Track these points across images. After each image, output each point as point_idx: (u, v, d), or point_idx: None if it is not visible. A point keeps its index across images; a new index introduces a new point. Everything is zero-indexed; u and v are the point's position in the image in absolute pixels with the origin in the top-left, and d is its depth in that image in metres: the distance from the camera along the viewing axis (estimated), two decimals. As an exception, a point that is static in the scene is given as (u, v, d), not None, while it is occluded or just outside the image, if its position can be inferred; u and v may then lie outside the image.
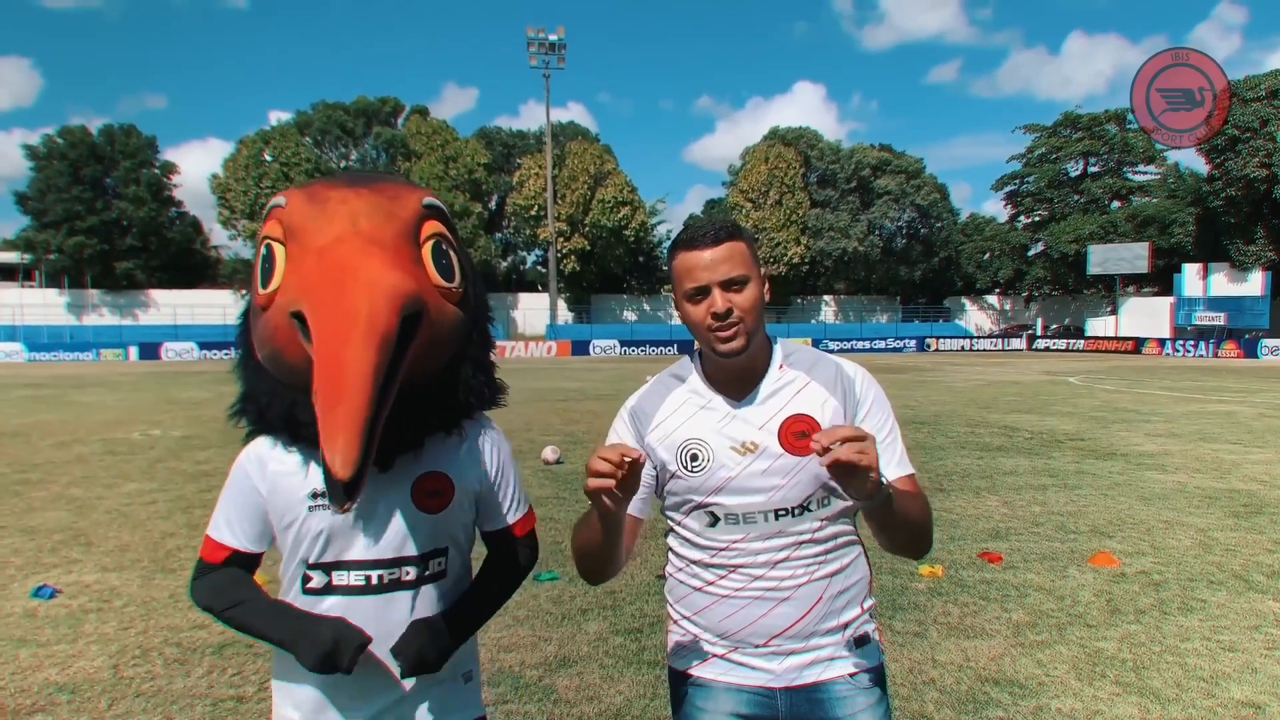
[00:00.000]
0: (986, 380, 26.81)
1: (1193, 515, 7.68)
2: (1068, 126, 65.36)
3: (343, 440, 1.31)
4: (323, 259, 1.51)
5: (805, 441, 1.73)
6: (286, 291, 1.56)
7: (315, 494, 1.69)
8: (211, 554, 1.78)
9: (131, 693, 4.11)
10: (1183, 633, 4.82)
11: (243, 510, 1.76)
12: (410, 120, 64.61)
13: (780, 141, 65.81)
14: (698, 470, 1.81)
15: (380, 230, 1.57)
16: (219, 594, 1.76)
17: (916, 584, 5.62)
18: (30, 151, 58.98)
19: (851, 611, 1.85)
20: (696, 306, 1.78)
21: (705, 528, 1.83)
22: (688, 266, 1.77)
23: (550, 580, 5.69)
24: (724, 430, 1.81)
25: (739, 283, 1.75)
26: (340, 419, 1.32)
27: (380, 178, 1.70)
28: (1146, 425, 14.44)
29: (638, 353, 54.48)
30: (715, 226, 1.78)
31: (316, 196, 1.61)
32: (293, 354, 1.55)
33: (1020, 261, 67.44)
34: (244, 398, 1.78)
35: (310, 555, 1.72)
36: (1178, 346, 49.51)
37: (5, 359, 47.79)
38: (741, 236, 1.79)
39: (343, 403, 1.33)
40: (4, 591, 5.67)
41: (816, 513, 1.81)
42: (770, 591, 1.79)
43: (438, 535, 1.77)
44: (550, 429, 13.78)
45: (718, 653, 1.84)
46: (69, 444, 12.88)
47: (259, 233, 1.69)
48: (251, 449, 1.78)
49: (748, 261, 1.77)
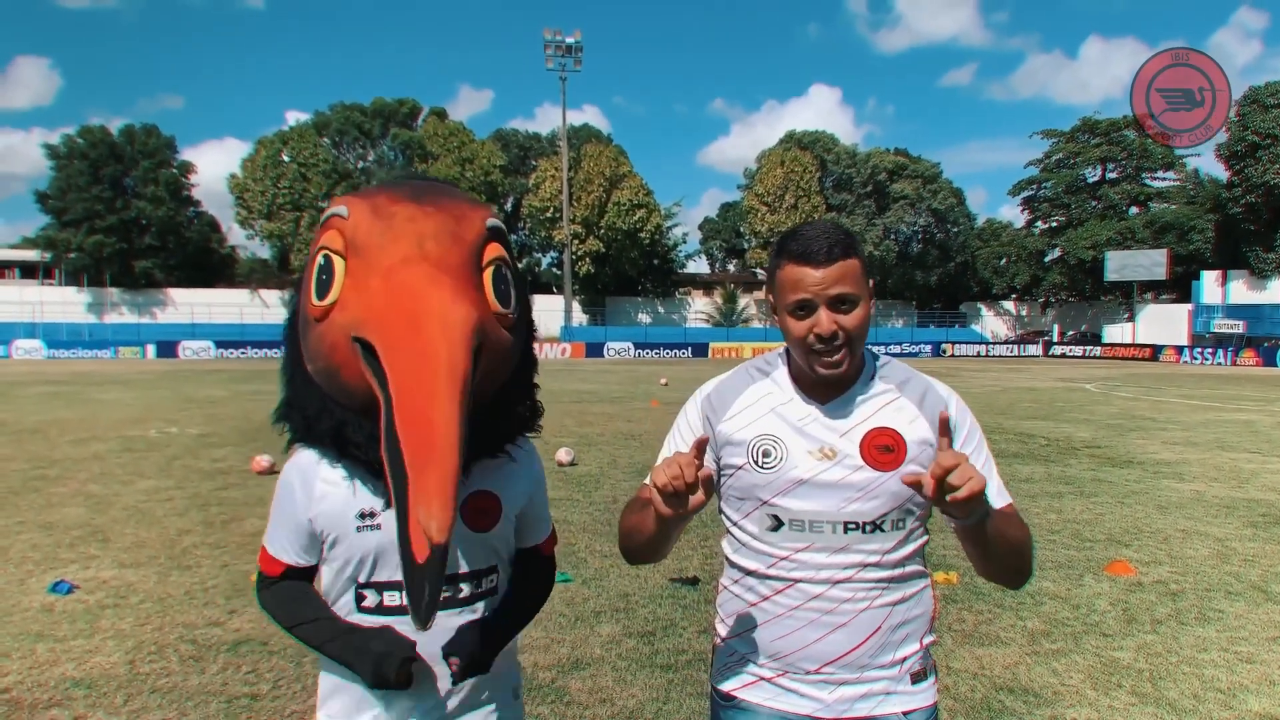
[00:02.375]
0: (1002, 386, 26.68)
1: (1210, 525, 7.62)
2: (1086, 132, 65.03)
3: (438, 505, 1.28)
4: (390, 282, 1.46)
5: (888, 456, 1.69)
6: (348, 310, 1.51)
7: (364, 514, 1.67)
8: (269, 567, 1.77)
9: (147, 689, 4.14)
10: (1200, 643, 4.78)
11: (290, 526, 1.74)
12: (427, 122, 64.86)
13: (796, 145, 65.79)
14: (769, 467, 1.73)
15: (448, 255, 1.52)
16: (283, 608, 1.75)
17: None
18: (51, 151, 59.55)
19: (910, 646, 1.76)
20: (799, 322, 1.67)
21: (766, 531, 1.74)
22: (795, 278, 1.65)
23: (564, 582, 5.69)
24: (803, 431, 1.73)
25: (849, 303, 1.66)
26: (434, 483, 1.28)
27: (444, 191, 1.65)
28: (1164, 433, 14.34)
29: (652, 355, 54.42)
30: (830, 240, 1.65)
31: (382, 211, 1.55)
32: (350, 375, 1.52)
33: (1037, 267, 67.10)
34: (288, 404, 1.74)
35: (361, 575, 1.70)
36: (1196, 354, 49.13)
37: (25, 356, 48.20)
38: (856, 253, 1.68)
39: (434, 465, 1.29)
40: (22, 586, 5.71)
41: (889, 534, 1.71)
42: (827, 614, 1.70)
43: (488, 553, 1.76)
44: (564, 431, 13.79)
45: (765, 675, 1.75)
46: (87, 441, 12.97)
47: (316, 239, 1.63)
48: (297, 463, 1.74)
49: (860, 280, 1.67)
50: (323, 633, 1.71)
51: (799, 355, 1.72)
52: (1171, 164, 63.81)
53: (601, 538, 6.86)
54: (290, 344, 1.73)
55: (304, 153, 59.32)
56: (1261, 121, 49.59)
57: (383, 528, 1.66)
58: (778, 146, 66.69)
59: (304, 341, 1.64)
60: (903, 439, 1.70)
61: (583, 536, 6.97)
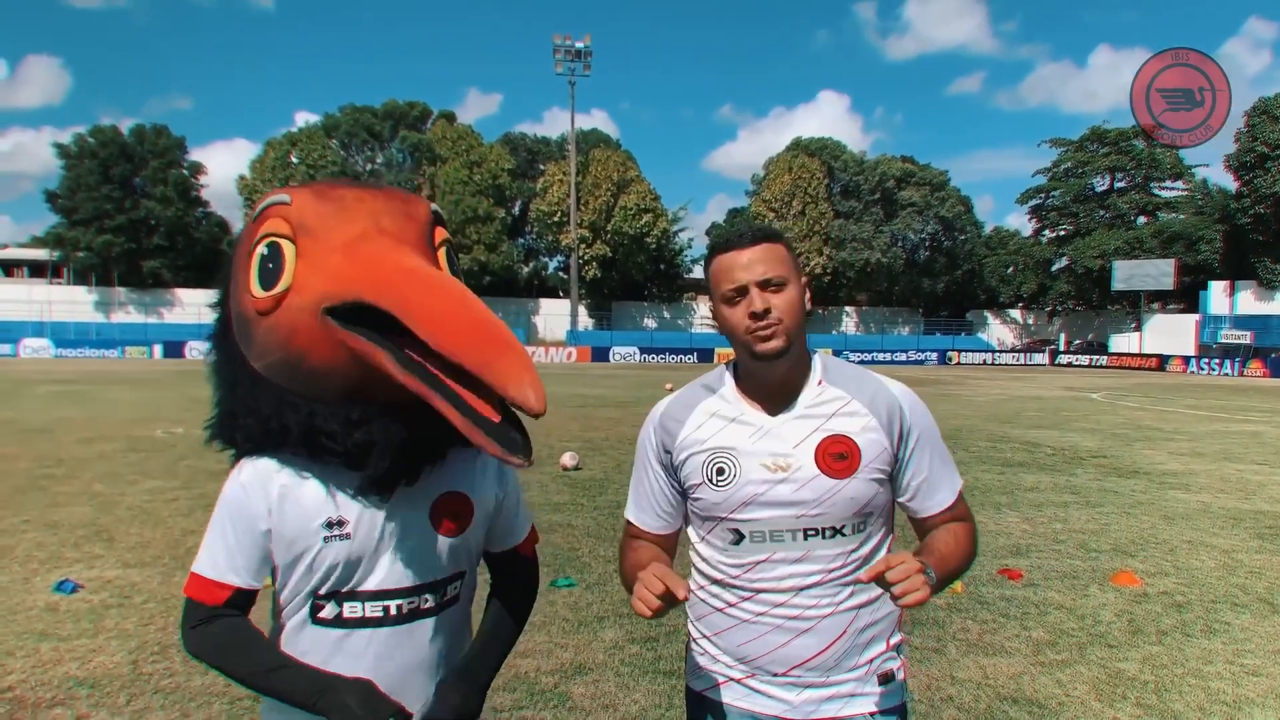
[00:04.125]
0: (1008, 395, 26.63)
1: (1217, 536, 7.59)
2: (1094, 141, 64.88)
3: (529, 376, 1.29)
4: (355, 254, 1.43)
5: (842, 464, 1.69)
6: (308, 290, 1.45)
7: (331, 523, 1.55)
8: (207, 595, 1.56)
9: (150, 689, 4.14)
10: (1206, 655, 4.75)
11: (244, 542, 1.56)
12: (436, 125, 64.98)
13: (804, 152, 65.79)
14: (724, 485, 1.73)
15: (404, 231, 1.51)
16: (224, 652, 1.55)
17: (935, 599, 5.56)
18: (62, 150, 59.72)
19: (877, 647, 1.77)
20: (734, 309, 1.70)
21: (729, 545, 1.75)
22: (725, 268, 1.71)
23: (567, 586, 5.69)
24: (755, 445, 1.73)
25: (777, 284, 1.69)
26: (515, 362, 1.30)
27: (378, 182, 1.64)
28: (1170, 444, 14.29)
29: (657, 360, 54.45)
30: (753, 229, 1.73)
31: (327, 195, 1.52)
32: (320, 356, 1.46)
33: (1044, 276, 66.96)
34: (230, 414, 1.61)
35: (322, 587, 1.57)
36: (1203, 364, 49.02)
37: (33, 355, 48.37)
38: (780, 239, 1.74)
39: (509, 349, 1.31)
40: (27, 585, 5.73)
41: (850, 537, 1.73)
42: (792, 620, 1.72)
43: (457, 559, 1.68)
44: (569, 435, 13.79)
45: (735, 677, 1.78)
46: (93, 440, 13.01)
47: (252, 232, 1.55)
48: (251, 471, 1.58)
49: (787, 264, 1.71)
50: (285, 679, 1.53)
51: (739, 346, 1.74)
52: (1180, 174, 63.67)
53: (605, 543, 6.86)
54: (223, 350, 1.63)
55: (313, 154, 59.44)
56: (1271, 132, 49.46)
57: (352, 537, 1.55)
58: (785, 153, 66.68)
59: (247, 341, 1.56)
60: (856, 445, 1.72)
61: (586, 541, 6.97)
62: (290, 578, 1.58)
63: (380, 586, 1.59)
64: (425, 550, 1.62)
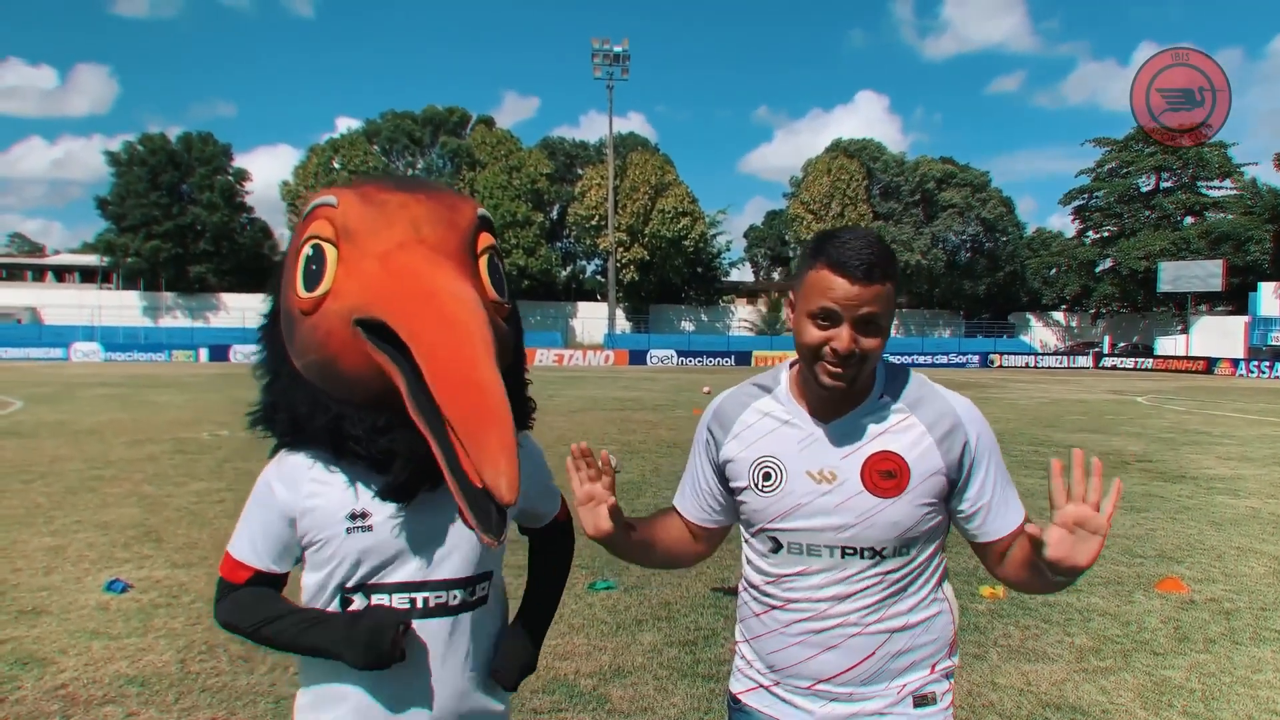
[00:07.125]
0: (1051, 398, 26.25)
1: (1267, 542, 7.43)
2: (1140, 140, 63.78)
3: (505, 463, 1.30)
4: (388, 265, 1.44)
5: (890, 483, 1.63)
6: (344, 296, 1.48)
7: (354, 515, 1.60)
8: (232, 573, 1.67)
9: (198, 687, 4.22)
10: (1255, 664, 4.66)
11: (267, 529, 1.65)
12: (476, 130, 65.54)
13: (843, 153, 65.46)
14: (768, 491, 1.70)
15: (445, 240, 1.51)
16: (244, 612, 1.65)
17: (977, 605, 5.52)
18: (112, 158, 61.26)
19: (917, 673, 1.71)
20: (818, 330, 1.59)
21: (768, 553, 1.74)
22: (826, 285, 1.56)
23: (606, 589, 5.71)
24: (803, 452, 1.68)
25: (875, 325, 1.58)
26: (495, 443, 1.31)
27: (429, 183, 1.64)
28: (1218, 448, 14.01)
29: (695, 363, 54.32)
30: (873, 257, 1.55)
31: (371, 198, 1.53)
32: (349, 363, 1.49)
33: (1088, 278, 66.00)
34: (272, 406, 1.67)
35: (349, 579, 1.62)
36: (1252, 368, 47.89)
37: (84, 358, 49.41)
38: (893, 276, 1.59)
39: (494, 426, 1.31)
40: (79, 584, 5.86)
41: (890, 559, 1.67)
42: (818, 635, 1.69)
43: (485, 557, 1.70)
44: (607, 438, 13.81)
45: (765, 683, 1.77)
46: (141, 442, 13.26)
47: (300, 231, 1.58)
48: (283, 464, 1.67)
49: (890, 304, 1.60)
50: (295, 626, 1.61)
51: (806, 360, 1.65)
52: (1229, 173, 62.40)
53: (644, 546, 6.85)
54: (271, 344, 1.69)
55: (354, 160, 60.20)
56: (1323, 129, 48.36)
57: (374, 529, 1.60)
58: (824, 154, 66.43)
59: (290, 337, 1.60)
60: (906, 465, 1.64)
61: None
62: (318, 569, 1.64)
63: (408, 579, 1.63)
64: (450, 546, 1.65)
